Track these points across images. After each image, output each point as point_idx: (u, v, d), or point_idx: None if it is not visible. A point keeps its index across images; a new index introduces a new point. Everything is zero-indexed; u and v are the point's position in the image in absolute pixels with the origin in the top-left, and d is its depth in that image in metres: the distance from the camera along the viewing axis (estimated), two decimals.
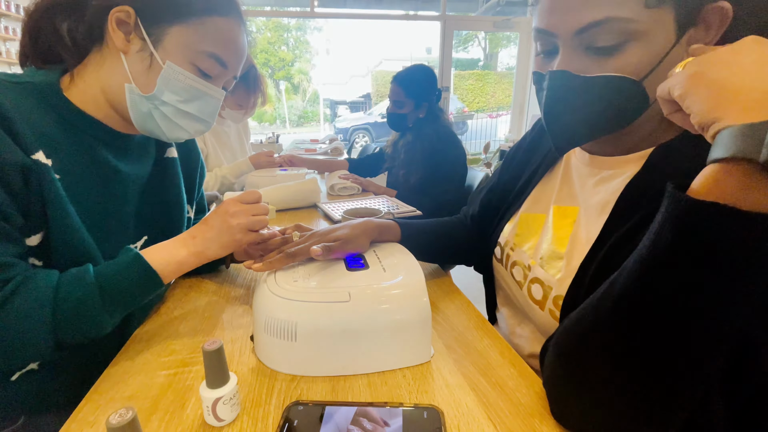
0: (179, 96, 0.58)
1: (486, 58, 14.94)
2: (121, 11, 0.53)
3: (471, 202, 0.86)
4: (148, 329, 0.60)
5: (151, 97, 0.56)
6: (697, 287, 0.30)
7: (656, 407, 0.35)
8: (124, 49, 0.55)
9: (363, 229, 0.62)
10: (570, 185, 0.59)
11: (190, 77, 0.57)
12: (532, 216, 0.64)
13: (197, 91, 0.59)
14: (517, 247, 0.64)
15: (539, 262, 0.58)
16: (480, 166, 3.48)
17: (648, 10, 0.41)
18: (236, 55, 0.61)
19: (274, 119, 17.67)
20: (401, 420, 0.41)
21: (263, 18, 18.15)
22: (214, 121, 0.65)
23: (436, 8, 4.08)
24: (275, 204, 1.24)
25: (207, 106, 0.62)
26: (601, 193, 0.53)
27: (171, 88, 0.57)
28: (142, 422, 0.42)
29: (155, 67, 0.55)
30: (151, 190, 0.68)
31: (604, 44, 0.43)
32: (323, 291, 0.50)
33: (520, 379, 0.49)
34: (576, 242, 0.54)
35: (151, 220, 0.68)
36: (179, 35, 0.55)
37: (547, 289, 0.55)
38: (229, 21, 0.59)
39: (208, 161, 1.58)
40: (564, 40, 0.45)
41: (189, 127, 0.62)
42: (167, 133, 0.61)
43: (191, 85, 0.58)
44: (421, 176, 1.60)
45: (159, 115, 0.58)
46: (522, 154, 0.74)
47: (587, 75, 0.45)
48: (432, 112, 1.63)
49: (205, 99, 0.61)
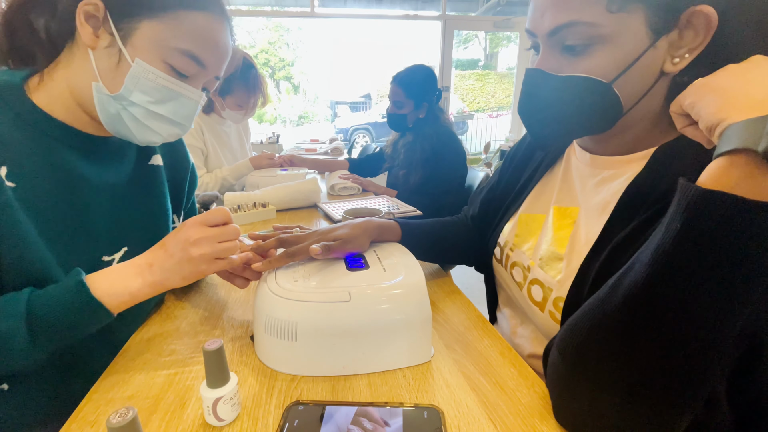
0: (150, 96, 0.53)
1: (486, 58, 14.93)
2: (90, 4, 0.49)
3: (471, 202, 0.86)
4: (148, 329, 0.60)
5: (119, 97, 0.52)
6: (704, 276, 0.31)
7: (662, 408, 0.35)
8: (92, 45, 0.51)
9: (363, 228, 0.62)
10: (570, 185, 0.59)
11: (162, 77, 0.52)
12: (531, 216, 0.64)
13: (170, 91, 0.54)
14: (516, 247, 0.64)
15: (539, 263, 0.58)
16: (480, 166, 3.48)
17: (611, 14, 0.42)
18: (216, 54, 0.56)
19: (274, 119, 17.67)
20: (401, 420, 0.41)
21: (263, 18, 18.16)
22: (191, 124, 0.60)
23: (437, 8, 4.08)
24: (275, 204, 1.24)
25: (182, 108, 0.56)
26: (602, 193, 0.52)
27: (141, 87, 0.52)
28: (143, 422, 0.42)
29: (123, 65, 0.51)
30: (132, 199, 0.62)
31: (573, 43, 0.45)
32: (323, 291, 0.50)
33: (520, 379, 0.49)
34: (576, 243, 0.53)
35: (131, 231, 0.62)
36: (150, 31, 0.51)
37: (547, 291, 0.55)
38: (207, 16, 0.54)
39: (208, 162, 1.58)
40: (542, 40, 0.49)
41: (161, 130, 0.56)
42: (138, 136, 0.56)
43: (164, 85, 0.53)
44: (421, 176, 1.60)
45: (128, 116, 0.53)
46: (522, 153, 0.74)
47: (560, 74, 0.47)
48: (432, 113, 1.63)
49: (179, 100, 0.55)
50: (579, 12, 0.43)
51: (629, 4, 0.42)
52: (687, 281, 0.31)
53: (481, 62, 14.93)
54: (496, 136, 6.36)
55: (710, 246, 0.30)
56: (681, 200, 0.31)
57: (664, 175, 0.45)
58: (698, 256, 0.31)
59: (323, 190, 1.59)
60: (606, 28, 0.43)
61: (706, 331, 0.32)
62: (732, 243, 0.29)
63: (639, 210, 0.46)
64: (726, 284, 0.30)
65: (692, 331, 0.32)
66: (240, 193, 1.27)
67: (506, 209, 0.71)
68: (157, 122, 0.56)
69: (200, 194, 1.19)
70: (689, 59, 0.44)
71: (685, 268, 0.31)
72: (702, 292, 0.31)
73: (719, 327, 0.32)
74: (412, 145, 1.64)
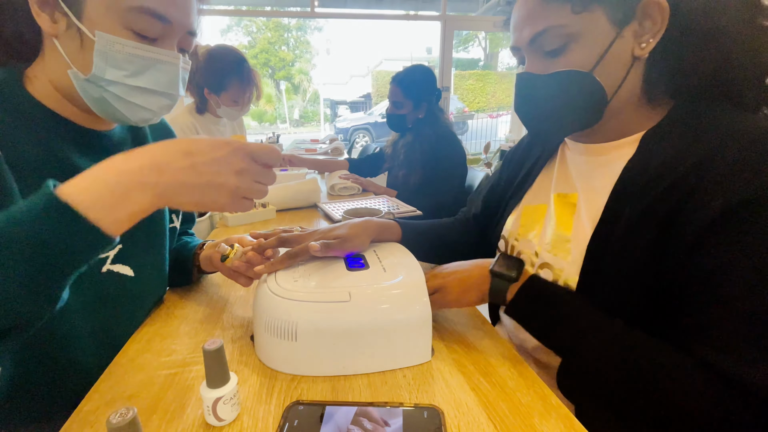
0: (124, 70, 0.49)
1: (486, 58, 14.94)
2: None
3: (470, 203, 0.87)
4: (148, 329, 0.60)
5: (94, 78, 0.49)
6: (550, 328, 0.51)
7: None
8: (54, 32, 0.48)
9: (363, 228, 0.63)
10: (567, 174, 0.62)
11: (129, 44, 0.48)
12: (534, 207, 0.66)
13: (143, 59, 0.50)
14: (521, 237, 0.66)
15: (546, 247, 0.60)
16: (480, 166, 3.48)
17: (577, 15, 0.49)
18: (176, 4, 0.51)
19: (274, 119, 17.66)
20: (401, 420, 0.41)
21: (263, 18, 18.18)
22: (178, 91, 0.55)
23: (437, 8, 4.08)
24: (275, 204, 1.24)
25: (163, 75, 0.52)
26: (598, 177, 0.56)
27: (112, 62, 0.48)
28: (143, 422, 0.42)
29: (87, 43, 0.47)
30: None
31: (551, 47, 0.51)
32: (323, 291, 0.50)
33: (520, 379, 0.49)
34: (580, 225, 0.56)
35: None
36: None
37: (557, 273, 0.57)
38: None
39: None
40: (525, 50, 0.55)
41: (150, 104, 0.53)
42: (130, 117, 0.53)
43: (134, 53, 0.49)
44: (421, 176, 1.60)
45: (111, 96, 0.50)
46: (522, 151, 0.76)
47: (545, 73, 0.53)
48: (431, 113, 1.63)
49: (157, 67, 0.51)
50: (549, 19, 0.50)
51: (590, 4, 0.48)
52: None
53: (481, 62, 14.94)
54: (496, 136, 6.36)
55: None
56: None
57: (654, 156, 0.50)
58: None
59: (323, 190, 1.59)
60: (574, 27, 0.49)
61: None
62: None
63: (635, 190, 0.50)
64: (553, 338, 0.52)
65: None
66: None
67: (508, 203, 0.73)
68: (142, 96, 0.52)
69: None
70: (654, 43, 0.50)
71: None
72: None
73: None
74: (411, 146, 1.64)
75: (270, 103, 17.82)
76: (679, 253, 0.44)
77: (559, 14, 0.49)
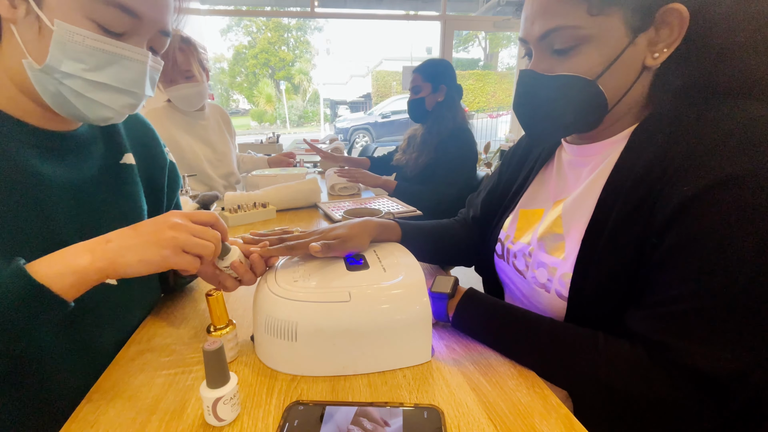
0: (84, 63, 0.46)
1: (486, 58, 14.95)
2: None
3: (469, 204, 0.87)
4: (148, 329, 0.60)
5: (48, 69, 0.45)
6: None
7: None
8: (12, 18, 0.45)
9: (363, 228, 0.63)
10: (564, 179, 0.62)
11: (91, 37, 0.45)
12: (530, 211, 0.66)
13: (106, 54, 0.47)
14: (516, 240, 0.66)
15: (538, 245, 0.60)
16: (480, 166, 3.48)
17: (593, 17, 0.47)
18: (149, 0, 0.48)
19: (274, 119, 17.66)
20: (401, 420, 0.41)
21: (263, 18, 18.17)
22: (143, 90, 0.52)
23: (437, 8, 4.09)
24: (275, 204, 1.24)
25: (126, 72, 0.49)
26: (591, 174, 0.56)
27: (70, 54, 0.45)
28: (143, 422, 0.42)
29: (45, 32, 0.44)
30: (101, 200, 0.56)
31: (561, 47, 0.50)
32: (323, 291, 0.50)
33: (520, 379, 0.49)
34: (574, 223, 0.56)
35: (102, 234, 0.51)
36: None
37: (552, 270, 0.57)
38: None
39: (184, 158, 1.49)
40: (533, 45, 0.53)
41: (109, 101, 0.50)
42: (88, 114, 0.50)
43: (95, 47, 0.46)
44: (432, 158, 1.61)
45: (67, 91, 0.47)
46: (520, 153, 0.76)
47: (550, 74, 0.52)
48: (451, 97, 1.63)
49: (121, 63, 0.48)
50: (564, 17, 0.48)
51: (608, 6, 0.46)
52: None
53: (481, 62, 14.94)
54: (496, 136, 6.35)
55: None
56: None
57: (645, 150, 0.49)
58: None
59: (323, 190, 1.59)
60: (588, 29, 0.47)
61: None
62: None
63: (627, 182, 0.49)
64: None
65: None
66: (240, 193, 1.27)
67: (506, 206, 0.73)
68: (101, 93, 0.49)
69: (200, 194, 1.19)
70: (668, 53, 0.48)
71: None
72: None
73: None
74: (430, 130, 1.64)
75: (270, 103, 17.83)
76: (653, 238, 0.45)
77: (574, 14, 0.47)
